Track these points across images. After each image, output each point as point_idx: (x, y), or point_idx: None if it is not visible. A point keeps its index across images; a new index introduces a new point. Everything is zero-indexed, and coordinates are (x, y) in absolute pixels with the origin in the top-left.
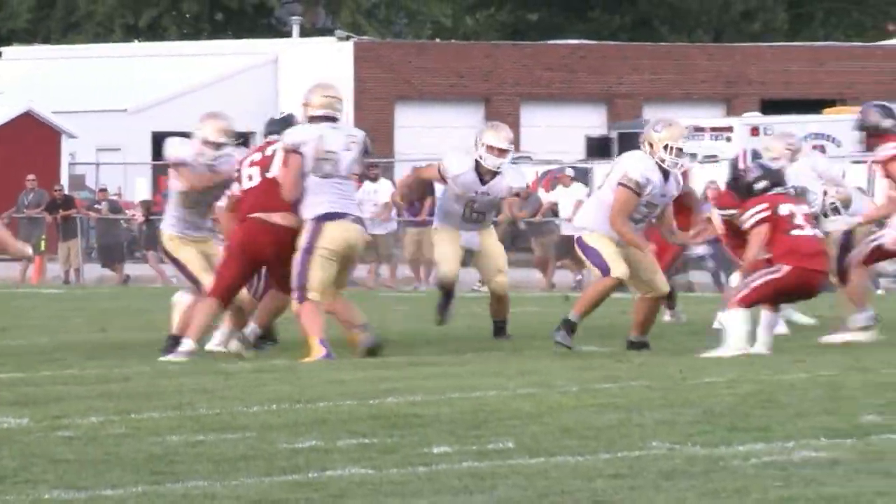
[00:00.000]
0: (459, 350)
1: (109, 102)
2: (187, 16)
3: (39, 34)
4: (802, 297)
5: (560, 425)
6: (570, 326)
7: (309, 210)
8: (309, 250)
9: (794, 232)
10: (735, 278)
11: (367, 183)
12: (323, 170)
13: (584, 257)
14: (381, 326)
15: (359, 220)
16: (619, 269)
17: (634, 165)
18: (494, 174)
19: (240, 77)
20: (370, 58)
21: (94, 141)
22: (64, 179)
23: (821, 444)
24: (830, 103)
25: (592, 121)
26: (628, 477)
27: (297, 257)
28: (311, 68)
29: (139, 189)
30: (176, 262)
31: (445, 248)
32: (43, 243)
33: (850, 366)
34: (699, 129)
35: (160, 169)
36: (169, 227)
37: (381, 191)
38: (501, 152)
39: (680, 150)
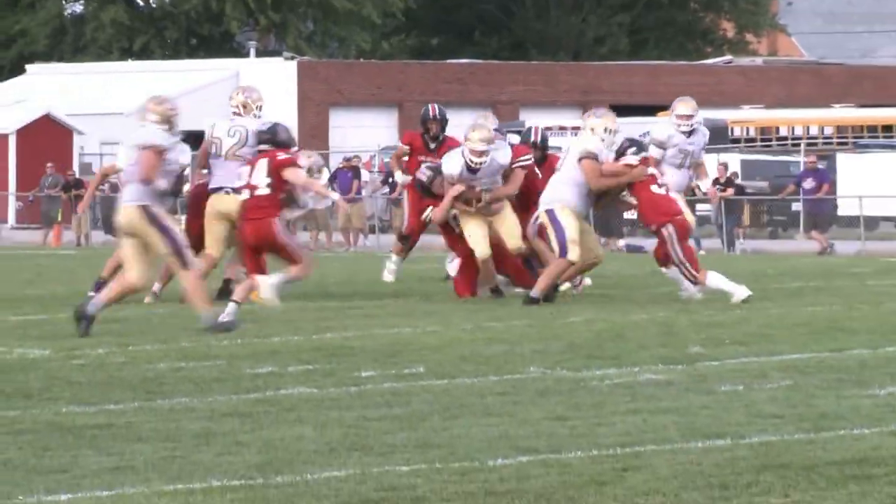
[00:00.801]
0: (380, 297)
1: (110, 107)
2: (169, 41)
3: (55, 55)
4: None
5: (459, 354)
6: (535, 301)
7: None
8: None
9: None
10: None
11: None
12: (210, 152)
13: (549, 228)
14: (321, 281)
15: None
16: (574, 254)
17: (587, 143)
18: (482, 161)
19: (208, 88)
20: (310, 73)
21: (99, 137)
22: (76, 167)
23: (659, 370)
24: (663, 108)
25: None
26: (512, 394)
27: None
28: (265, 82)
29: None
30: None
31: (474, 230)
32: (60, 215)
33: (680, 309)
34: (562, 128)
35: None
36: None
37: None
38: (480, 154)
39: (614, 131)
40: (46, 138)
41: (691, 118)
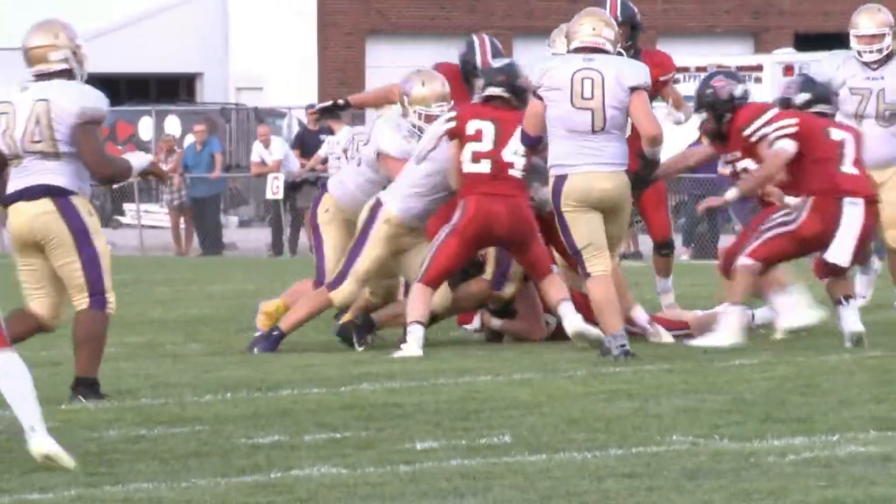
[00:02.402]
0: (441, 328)
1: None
2: None
3: None
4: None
5: (564, 416)
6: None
7: None
8: None
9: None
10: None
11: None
12: None
13: None
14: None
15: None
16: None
17: None
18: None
19: (183, 7)
20: None
21: (18, 81)
22: None
23: (869, 438)
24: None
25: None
26: (645, 476)
27: None
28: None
29: None
30: None
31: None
32: None
33: None
34: (723, 69)
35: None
36: None
37: (344, 141)
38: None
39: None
40: None
41: (878, 39)
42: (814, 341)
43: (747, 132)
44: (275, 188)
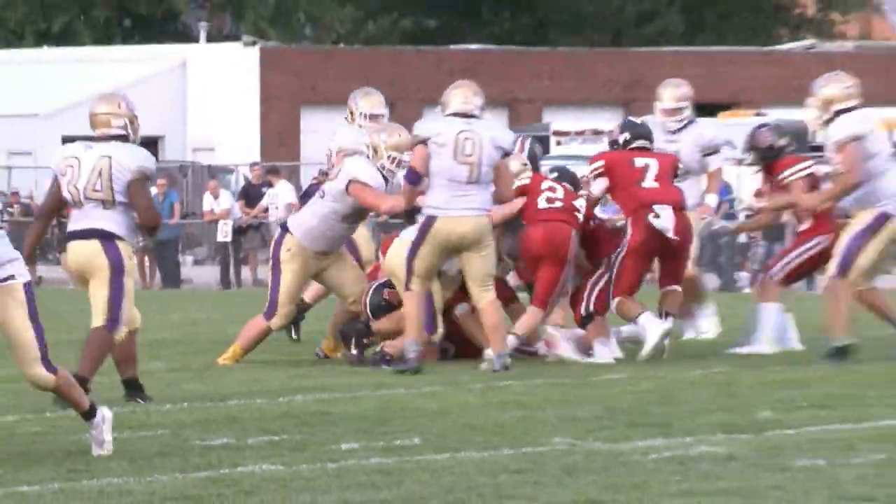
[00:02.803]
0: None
1: (21, 107)
2: (98, 21)
3: None
4: None
5: (465, 422)
6: None
7: None
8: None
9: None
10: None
11: (268, 189)
12: None
13: None
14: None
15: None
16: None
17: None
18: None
19: (149, 82)
20: (276, 63)
21: (5, 145)
22: None
23: (718, 440)
24: (725, 107)
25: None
26: (532, 472)
27: None
28: (219, 73)
29: None
30: None
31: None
32: None
33: (743, 364)
34: (598, 133)
35: None
36: None
37: (282, 193)
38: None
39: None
40: None
41: (677, 113)
42: (672, 361)
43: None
44: (224, 232)
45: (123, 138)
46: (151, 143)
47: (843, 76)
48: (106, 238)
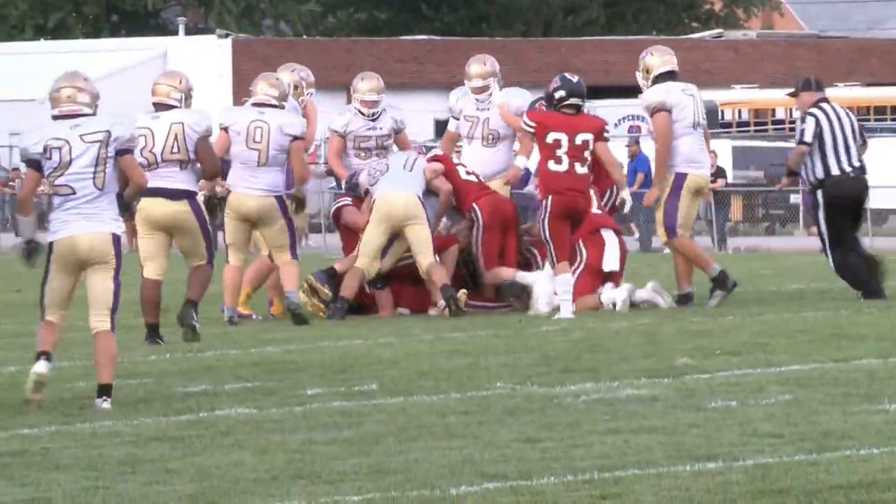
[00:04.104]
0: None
1: (21, 93)
2: (89, 17)
3: None
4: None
5: (416, 369)
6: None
7: None
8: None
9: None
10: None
11: None
12: None
13: None
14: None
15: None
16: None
17: None
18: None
19: (133, 70)
20: (247, 53)
21: (7, 127)
22: None
23: (642, 384)
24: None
25: (439, 106)
26: (477, 413)
27: None
28: (196, 62)
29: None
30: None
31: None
32: None
33: (664, 316)
34: None
35: None
36: None
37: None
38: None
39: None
40: None
41: (485, 90)
42: (601, 314)
43: None
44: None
45: (178, 108)
46: None
47: (665, 48)
48: (191, 197)
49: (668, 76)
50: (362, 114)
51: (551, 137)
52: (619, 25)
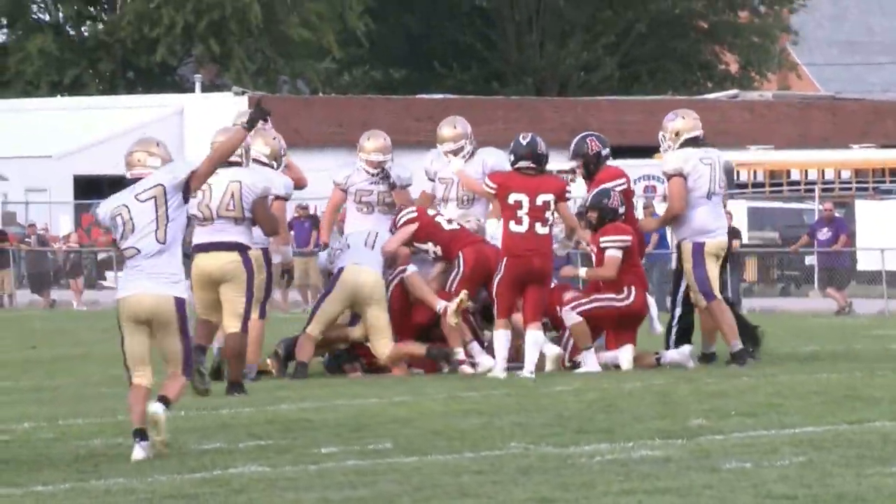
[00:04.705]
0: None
1: (37, 149)
2: (105, 73)
3: None
4: None
5: (431, 428)
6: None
7: None
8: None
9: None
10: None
11: None
12: None
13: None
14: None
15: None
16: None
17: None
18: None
19: (151, 126)
20: None
21: (23, 183)
22: None
23: (656, 444)
24: (658, 149)
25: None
26: (490, 473)
27: None
28: (212, 119)
29: (63, 225)
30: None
31: None
32: None
33: (679, 376)
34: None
35: (82, 207)
36: None
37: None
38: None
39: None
40: None
41: (459, 152)
42: (614, 374)
43: None
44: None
45: (238, 165)
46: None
47: (690, 112)
48: (242, 250)
49: (692, 142)
50: (367, 172)
51: (512, 198)
52: (635, 84)
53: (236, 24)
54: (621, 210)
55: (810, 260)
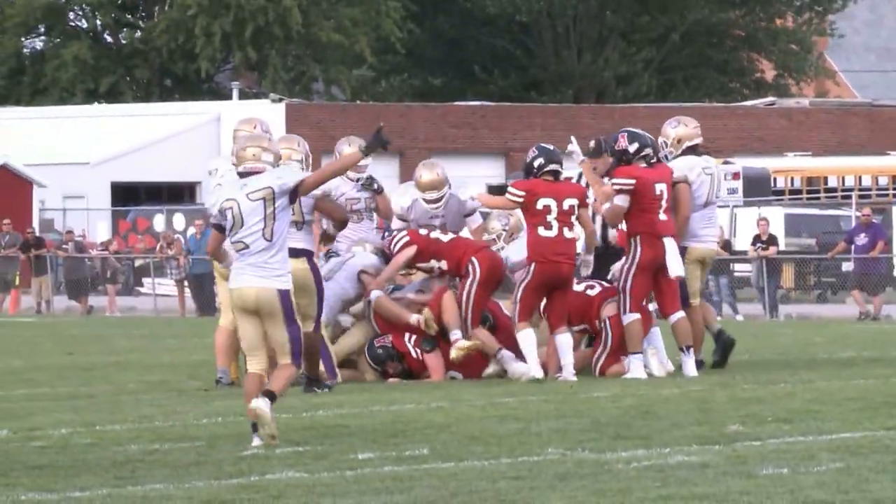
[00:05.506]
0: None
1: (74, 156)
2: (141, 81)
3: (11, 97)
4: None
5: (468, 434)
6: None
7: None
8: None
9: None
10: None
11: None
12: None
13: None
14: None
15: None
16: None
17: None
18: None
19: (186, 134)
20: (300, 117)
21: (61, 190)
22: (35, 223)
23: (693, 450)
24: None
25: (492, 171)
26: (527, 479)
27: None
28: None
29: (100, 232)
30: None
31: None
32: (17, 279)
33: (716, 382)
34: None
35: (119, 214)
36: None
37: None
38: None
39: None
40: (2, 191)
41: (439, 200)
42: (651, 380)
43: None
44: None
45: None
46: (189, 189)
47: (691, 119)
48: (308, 256)
49: (692, 149)
50: (349, 178)
51: (541, 203)
52: (672, 92)
53: (279, 27)
54: (632, 150)
55: (847, 266)
